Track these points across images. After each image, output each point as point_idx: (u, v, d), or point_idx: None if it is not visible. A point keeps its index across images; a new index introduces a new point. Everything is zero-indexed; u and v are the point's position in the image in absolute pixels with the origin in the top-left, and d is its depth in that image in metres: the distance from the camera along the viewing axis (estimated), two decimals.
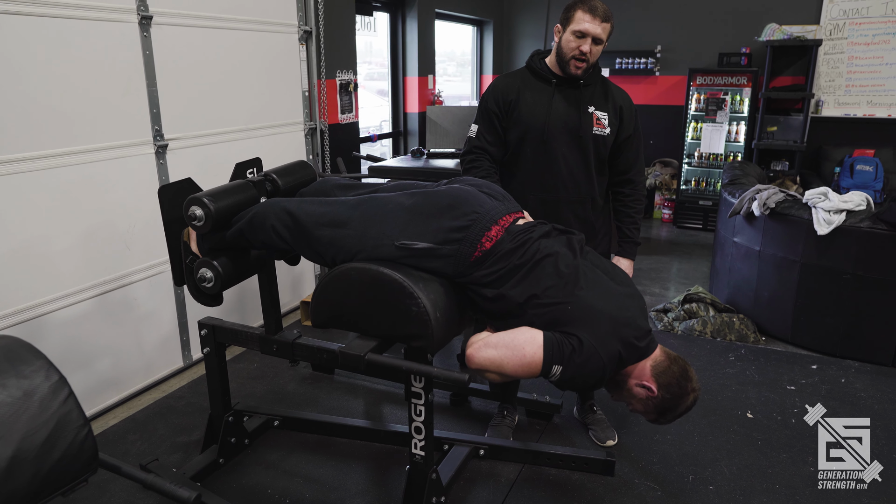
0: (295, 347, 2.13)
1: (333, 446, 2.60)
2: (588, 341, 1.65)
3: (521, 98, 2.36)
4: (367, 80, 5.73)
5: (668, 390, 1.80)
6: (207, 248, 2.00)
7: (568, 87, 2.34)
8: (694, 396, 1.85)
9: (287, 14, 3.72)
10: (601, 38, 2.22)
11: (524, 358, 1.65)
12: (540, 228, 1.80)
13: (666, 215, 6.53)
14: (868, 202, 3.35)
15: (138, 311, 2.98)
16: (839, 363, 3.37)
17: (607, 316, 1.71)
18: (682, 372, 1.82)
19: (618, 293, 1.80)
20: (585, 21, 2.19)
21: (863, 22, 5.62)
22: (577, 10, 2.21)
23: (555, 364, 1.65)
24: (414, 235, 1.71)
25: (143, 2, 2.80)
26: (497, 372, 1.70)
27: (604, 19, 2.21)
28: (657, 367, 1.81)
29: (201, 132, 3.20)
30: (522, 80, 2.40)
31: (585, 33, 2.20)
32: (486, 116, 2.40)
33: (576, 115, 2.32)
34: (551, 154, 2.33)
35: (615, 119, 2.36)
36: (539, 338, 1.66)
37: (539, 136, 2.33)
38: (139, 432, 2.70)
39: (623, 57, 6.51)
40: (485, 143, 2.40)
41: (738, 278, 3.95)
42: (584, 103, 2.33)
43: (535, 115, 2.33)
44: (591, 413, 2.71)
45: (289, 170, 2.24)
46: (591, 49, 2.22)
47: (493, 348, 1.68)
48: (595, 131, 2.33)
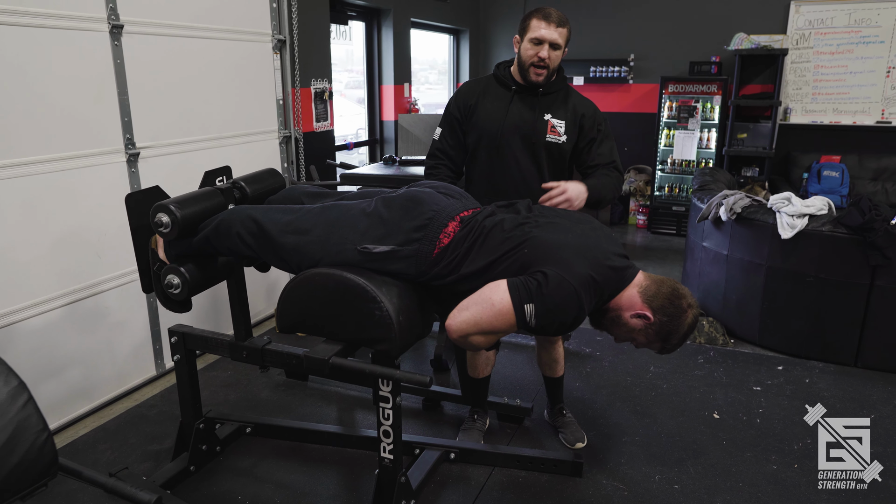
0: (264, 353, 2.14)
1: (305, 452, 2.61)
2: (553, 271, 1.63)
3: (480, 103, 2.43)
4: (347, 89, 5.76)
5: (664, 312, 1.77)
6: (175, 255, 2.01)
7: (527, 94, 2.40)
8: (693, 313, 1.79)
9: (260, 23, 3.75)
10: (558, 42, 2.28)
11: (494, 306, 1.63)
12: (484, 211, 1.85)
13: (640, 221, 6.62)
14: (829, 206, 3.44)
15: (110, 319, 2.97)
16: (804, 364, 3.46)
17: (567, 245, 1.70)
18: (672, 291, 1.79)
19: (577, 227, 1.79)
20: (541, 28, 2.26)
21: (827, 32, 5.77)
22: (533, 18, 2.29)
23: (525, 304, 1.61)
24: (375, 239, 1.74)
25: (114, 11, 2.81)
26: (477, 331, 1.67)
27: (559, 24, 2.27)
28: (646, 293, 1.78)
29: (174, 140, 3.21)
30: (486, 86, 2.47)
31: (542, 39, 2.26)
32: (449, 120, 2.49)
33: (531, 122, 2.37)
34: (505, 159, 2.39)
35: (573, 127, 2.41)
36: (503, 284, 1.64)
37: (493, 141, 2.39)
38: (110, 441, 2.69)
39: (597, 66, 6.61)
40: (446, 146, 2.48)
41: (707, 282, 4.02)
42: (542, 110, 2.38)
43: (490, 120, 2.39)
44: (560, 416, 2.75)
45: (257, 177, 2.26)
46: (550, 54, 2.28)
47: (464, 310, 1.67)
48: (549, 138, 2.38)
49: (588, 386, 3.20)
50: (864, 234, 3.19)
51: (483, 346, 1.74)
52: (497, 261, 1.71)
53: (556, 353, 2.65)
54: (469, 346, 1.73)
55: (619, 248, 1.84)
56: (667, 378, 3.28)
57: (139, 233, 2.07)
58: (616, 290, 1.79)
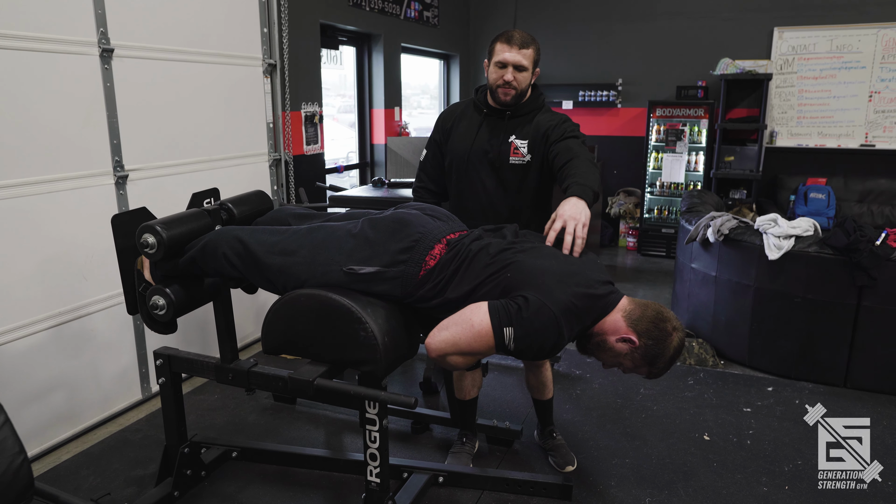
0: (250, 376, 2.13)
1: (292, 477, 2.57)
2: (534, 296, 1.63)
3: (455, 127, 2.48)
4: (340, 113, 5.81)
5: (649, 336, 1.77)
6: (160, 276, 2.01)
7: (497, 117, 2.43)
8: (678, 336, 1.79)
9: (251, 47, 3.78)
10: (523, 64, 2.30)
11: (473, 328, 1.64)
12: (471, 234, 1.87)
13: (631, 243, 6.65)
14: (815, 228, 3.47)
15: (95, 342, 2.94)
16: (794, 385, 3.46)
17: (550, 271, 1.70)
18: (656, 315, 1.79)
19: (559, 254, 1.79)
20: (504, 52, 2.30)
21: (810, 57, 5.88)
22: (497, 42, 2.33)
23: (504, 326, 1.62)
24: (361, 260, 1.74)
25: (105, 35, 2.83)
26: (456, 351, 1.67)
27: (521, 46, 2.30)
28: (630, 317, 1.78)
29: (163, 163, 3.21)
30: (463, 109, 2.52)
31: (505, 62, 2.30)
32: (432, 143, 2.56)
33: (496, 145, 2.39)
34: (473, 182, 2.43)
35: (538, 142, 2.36)
36: (483, 306, 1.65)
37: (462, 164, 2.43)
38: (93, 467, 2.64)
39: (586, 90, 6.70)
40: (428, 167, 2.56)
41: (696, 303, 4.03)
42: (507, 133, 2.40)
43: (461, 144, 2.44)
44: (550, 438, 2.73)
45: (245, 199, 2.27)
46: (515, 76, 2.31)
47: (444, 329, 1.68)
48: (512, 160, 2.39)
49: (578, 408, 3.18)
50: (850, 255, 3.22)
51: (462, 367, 1.74)
52: (480, 284, 1.72)
53: (543, 377, 2.63)
54: (447, 366, 1.73)
55: (603, 275, 1.84)
56: (657, 400, 3.27)
57: (125, 254, 2.06)
58: (600, 316, 1.79)
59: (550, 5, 6.70)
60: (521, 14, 6.74)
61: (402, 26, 5.66)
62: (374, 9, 5.18)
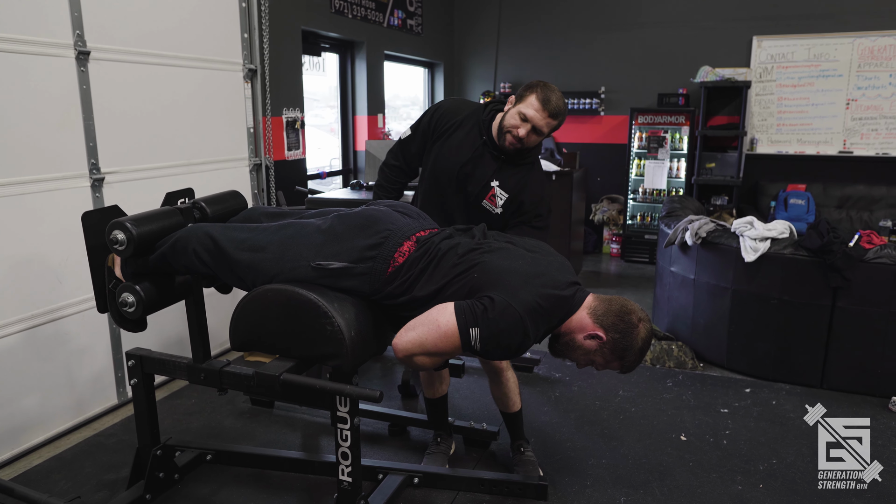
0: (222, 375, 2.11)
1: (267, 479, 2.55)
2: (499, 297, 1.65)
3: (451, 133, 2.41)
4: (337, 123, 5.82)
5: (616, 329, 1.79)
6: (131, 273, 2.00)
7: (493, 150, 2.37)
8: (645, 326, 1.81)
9: (231, 52, 3.79)
10: (542, 130, 2.24)
11: (439, 328, 1.65)
12: (442, 233, 1.87)
13: (614, 250, 6.69)
14: (791, 230, 3.51)
15: (70, 346, 2.91)
16: (771, 386, 3.48)
17: (516, 272, 1.72)
18: (621, 308, 1.81)
19: (528, 255, 1.82)
20: (533, 108, 2.21)
21: (789, 66, 5.97)
22: (533, 94, 2.23)
23: (470, 327, 1.64)
24: (330, 256, 1.74)
25: (81, 38, 2.83)
26: (422, 352, 1.69)
27: (552, 115, 2.22)
28: (595, 313, 1.80)
29: (141, 166, 3.20)
30: (466, 118, 2.42)
31: (529, 119, 2.22)
32: (420, 128, 2.48)
33: (479, 180, 2.36)
34: (441, 196, 2.42)
35: (514, 205, 2.37)
36: (450, 307, 1.67)
37: (439, 174, 2.41)
38: (64, 471, 2.61)
39: (570, 98, 6.75)
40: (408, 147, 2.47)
41: (676, 307, 4.06)
42: (494, 176, 2.35)
43: (450, 159, 2.39)
44: (518, 454, 2.63)
45: (219, 198, 2.26)
46: (529, 136, 2.25)
47: (411, 330, 1.69)
48: (485, 204, 2.37)
49: (556, 410, 3.18)
50: (824, 257, 3.26)
51: (429, 367, 1.75)
52: (448, 284, 1.74)
53: (506, 388, 2.53)
54: (414, 366, 1.75)
55: (569, 275, 1.86)
56: (635, 402, 3.28)
57: (95, 252, 2.05)
58: (566, 315, 1.82)
59: (534, 15, 6.77)
60: (505, 23, 6.80)
61: (385, 34, 5.70)
62: (357, 16, 5.21)
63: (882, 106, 5.77)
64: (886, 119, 5.78)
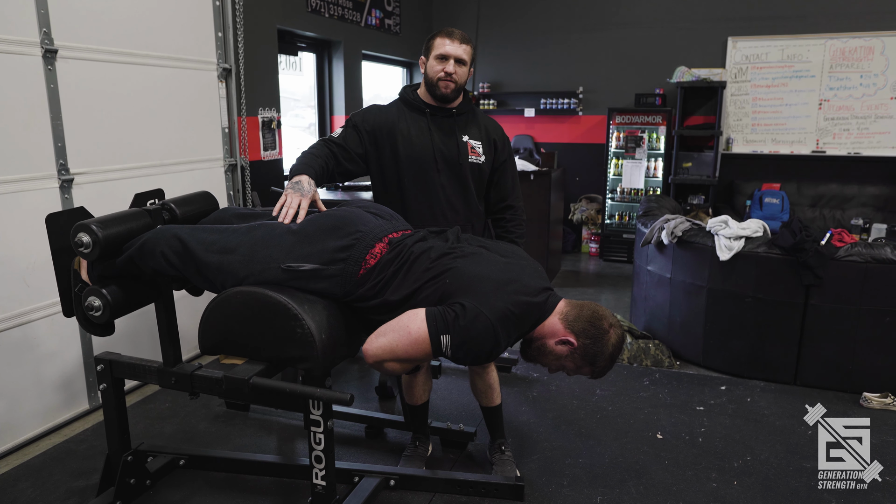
0: (193, 379, 2.08)
1: (241, 484, 2.52)
2: (470, 304, 1.65)
3: (398, 130, 2.39)
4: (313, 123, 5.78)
5: (587, 335, 1.79)
6: (98, 276, 1.95)
7: (442, 115, 2.43)
8: (616, 332, 1.82)
9: (205, 52, 3.74)
10: (463, 59, 2.35)
11: (410, 335, 1.65)
12: (414, 235, 1.86)
13: (593, 249, 6.72)
14: (764, 229, 3.55)
15: (39, 350, 2.85)
16: (746, 383, 3.51)
17: (488, 278, 1.72)
18: (592, 314, 1.82)
19: (500, 261, 1.82)
20: (445, 45, 2.33)
21: (763, 66, 6.04)
22: (437, 37, 2.36)
23: (441, 334, 1.64)
24: (300, 258, 1.72)
25: (48, 36, 2.78)
26: (393, 358, 1.69)
27: (462, 41, 2.34)
28: (567, 318, 1.81)
29: (112, 167, 3.14)
30: (397, 112, 2.45)
31: (447, 55, 2.33)
32: (352, 129, 2.40)
33: (453, 145, 2.40)
34: (430, 184, 2.40)
35: (489, 149, 2.48)
36: (421, 313, 1.67)
37: (418, 166, 2.39)
38: (32, 479, 2.55)
39: (547, 97, 6.77)
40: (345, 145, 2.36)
41: (652, 305, 4.08)
42: (459, 132, 2.43)
43: (419, 146, 2.39)
44: (498, 452, 2.63)
45: (189, 199, 2.23)
46: (456, 70, 2.34)
47: (381, 336, 1.69)
48: (471, 159, 2.43)
49: (534, 410, 3.18)
50: (797, 255, 3.30)
51: (399, 373, 1.75)
52: (420, 289, 1.73)
53: (489, 378, 2.54)
54: (385, 372, 1.74)
55: (542, 281, 1.87)
56: (612, 400, 3.29)
57: (61, 255, 2.01)
58: (538, 321, 1.82)
59: (512, 15, 6.78)
60: (483, 23, 6.80)
61: (362, 33, 5.67)
62: (334, 15, 5.18)
63: (853, 106, 5.87)
64: (858, 119, 5.88)
